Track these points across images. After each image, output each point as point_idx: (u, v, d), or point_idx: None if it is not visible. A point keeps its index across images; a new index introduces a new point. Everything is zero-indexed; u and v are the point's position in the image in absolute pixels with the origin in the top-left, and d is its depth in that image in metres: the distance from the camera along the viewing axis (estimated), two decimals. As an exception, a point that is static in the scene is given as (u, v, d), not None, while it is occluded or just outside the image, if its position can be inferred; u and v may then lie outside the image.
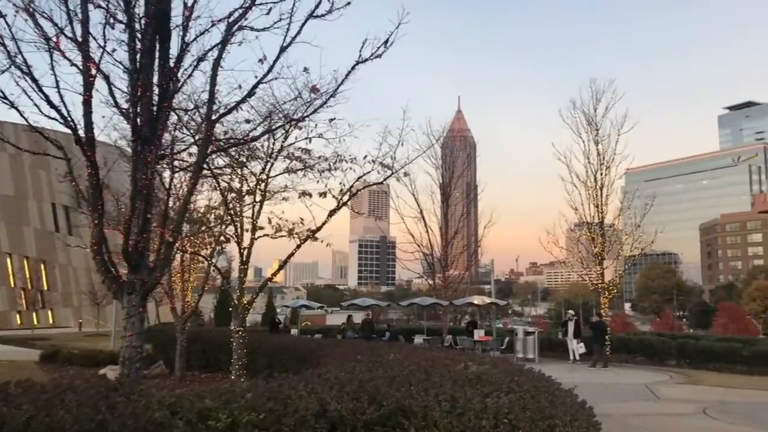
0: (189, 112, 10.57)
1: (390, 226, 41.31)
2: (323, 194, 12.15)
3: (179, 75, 7.78)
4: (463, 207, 35.13)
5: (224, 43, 7.80)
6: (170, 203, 11.97)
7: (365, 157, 12.03)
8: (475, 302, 28.13)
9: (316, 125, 11.76)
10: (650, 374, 20.28)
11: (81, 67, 7.38)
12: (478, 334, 26.00)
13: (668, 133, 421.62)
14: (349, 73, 8.57)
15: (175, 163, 11.05)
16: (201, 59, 7.86)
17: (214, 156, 11.49)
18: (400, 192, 31.70)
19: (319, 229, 12.41)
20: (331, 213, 12.19)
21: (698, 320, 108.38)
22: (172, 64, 7.63)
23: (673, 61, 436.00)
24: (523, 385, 6.06)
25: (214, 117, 8.52)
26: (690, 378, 19.32)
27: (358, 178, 12.68)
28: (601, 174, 26.66)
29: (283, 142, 13.17)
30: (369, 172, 12.59)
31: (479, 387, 5.80)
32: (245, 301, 14.51)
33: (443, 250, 31.54)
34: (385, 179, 12.28)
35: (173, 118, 9.91)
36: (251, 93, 8.46)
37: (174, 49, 7.71)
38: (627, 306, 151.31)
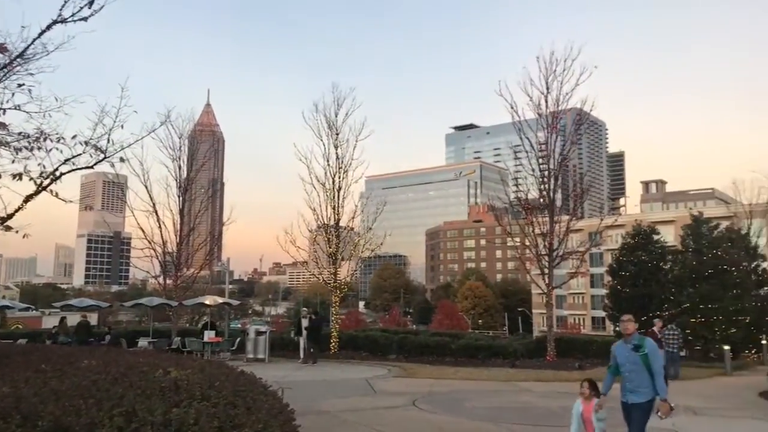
0: None
1: (126, 220, 37.91)
2: (18, 176, 10.28)
3: None
4: (201, 203, 33.59)
5: None
6: None
7: (74, 137, 10.46)
8: (207, 302, 27.02)
9: (13, 94, 9.91)
10: (372, 369, 21.32)
11: None
12: (209, 335, 25.01)
13: (408, 145, 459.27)
14: (42, 32, 7.30)
15: None
16: None
17: None
18: (131, 183, 29.31)
19: (10, 216, 10.49)
20: (27, 198, 10.39)
21: (421, 317, 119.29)
22: None
23: (412, 81, 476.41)
24: (222, 391, 5.58)
25: None
26: (406, 371, 20.71)
27: (66, 160, 11.00)
28: (339, 177, 27.57)
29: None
30: (79, 155, 11.00)
31: (171, 396, 5.19)
32: None
33: (178, 247, 29.86)
34: (95, 163, 10.83)
35: None
36: None
37: None
38: (361, 304, 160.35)
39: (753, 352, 30.61)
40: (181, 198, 30.06)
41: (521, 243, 26.87)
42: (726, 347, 24.04)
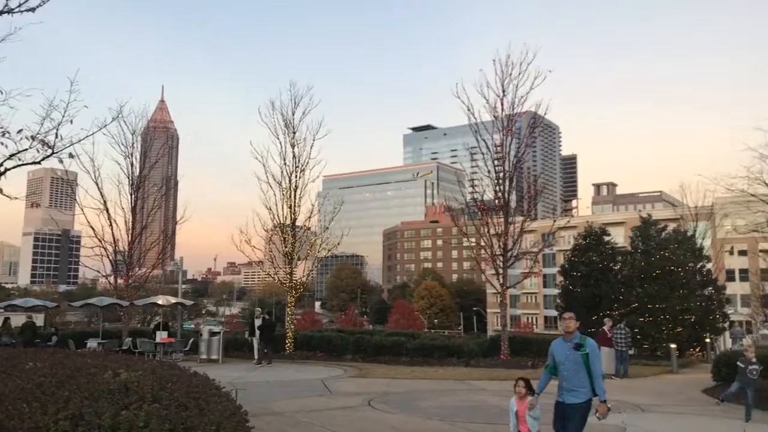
0: None
1: (75, 218, 36.82)
2: (-44, 171, 9.91)
3: None
4: (154, 201, 32.90)
5: None
6: None
7: (20, 131, 10.14)
8: (159, 302, 26.47)
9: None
10: (328, 369, 21.25)
11: None
12: (161, 336, 24.52)
13: (366, 145, 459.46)
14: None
15: None
16: None
17: None
18: (82, 180, 28.51)
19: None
20: (-34, 193, 10.01)
21: (378, 317, 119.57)
22: None
23: (371, 81, 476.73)
24: (173, 393, 5.48)
25: None
26: (362, 371, 20.71)
27: (11, 155, 10.65)
28: (296, 176, 27.39)
29: None
30: (26, 150, 10.67)
31: (120, 398, 5.07)
32: None
33: (129, 246, 29.18)
34: (43, 159, 10.51)
35: None
36: None
37: None
38: (317, 304, 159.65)
39: (698, 350, 31.65)
40: (133, 196, 29.36)
41: (477, 243, 27.15)
42: (672, 346, 24.79)
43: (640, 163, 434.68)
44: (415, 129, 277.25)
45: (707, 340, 31.17)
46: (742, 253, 72.10)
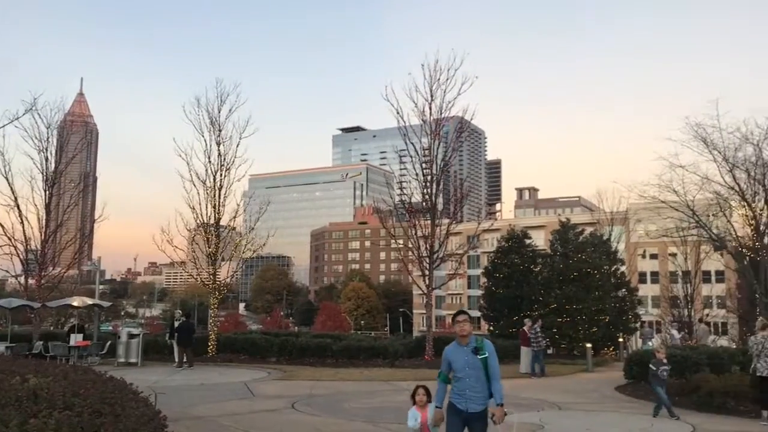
0: None
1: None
2: None
3: None
4: (71, 198, 31.44)
5: None
6: None
7: None
8: (75, 304, 25.30)
9: None
10: (252, 372, 20.94)
11: None
12: (75, 339, 23.43)
13: (295, 144, 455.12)
14: None
15: None
16: None
17: None
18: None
19: None
20: None
21: (304, 318, 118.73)
22: None
23: (301, 81, 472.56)
24: (87, 399, 5.27)
25: None
26: (286, 374, 20.53)
27: None
28: (221, 175, 26.83)
29: None
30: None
31: (29, 406, 4.82)
32: None
33: (42, 244, 27.76)
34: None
35: None
36: None
37: None
38: (242, 306, 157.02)
39: (611, 349, 33.06)
40: (47, 192, 27.94)
41: (404, 245, 27.45)
42: (588, 345, 25.82)
43: (560, 169, 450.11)
44: (345, 130, 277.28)
45: (620, 339, 32.62)
46: (654, 256, 75.96)
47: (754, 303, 26.65)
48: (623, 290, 35.69)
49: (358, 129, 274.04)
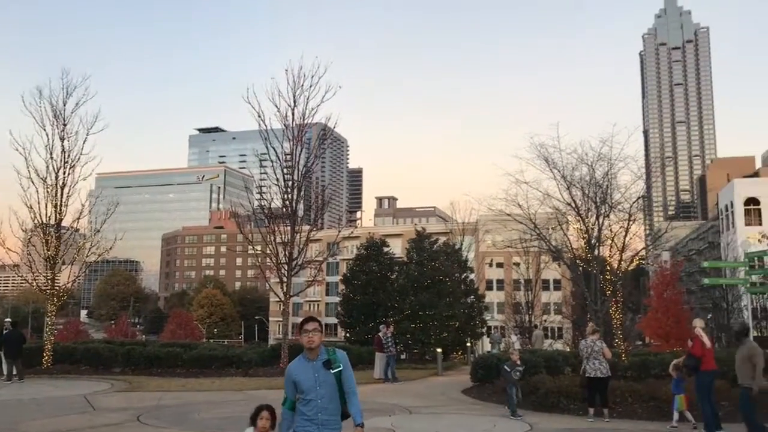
0: None
1: None
2: None
3: None
4: None
5: None
6: None
7: None
8: None
9: None
10: (93, 384, 19.55)
11: None
12: None
13: (148, 143, 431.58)
14: None
15: None
16: None
17: None
18: None
19: None
20: None
21: (152, 326, 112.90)
22: None
23: (157, 77, 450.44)
24: None
25: None
26: (132, 385, 19.38)
27: None
28: (65, 173, 24.82)
29: None
30: None
31: None
32: None
33: None
34: None
35: None
36: None
37: None
38: (83, 313, 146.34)
39: (460, 353, 34.71)
40: None
41: (262, 251, 27.00)
42: (439, 350, 26.89)
43: (419, 180, 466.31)
44: (203, 130, 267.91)
45: (468, 344, 34.35)
46: (500, 265, 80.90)
47: (586, 309, 29.21)
48: (472, 297, 37.65)
49: (217, 130, 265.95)
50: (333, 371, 5.51)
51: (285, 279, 24.89)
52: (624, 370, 18.04)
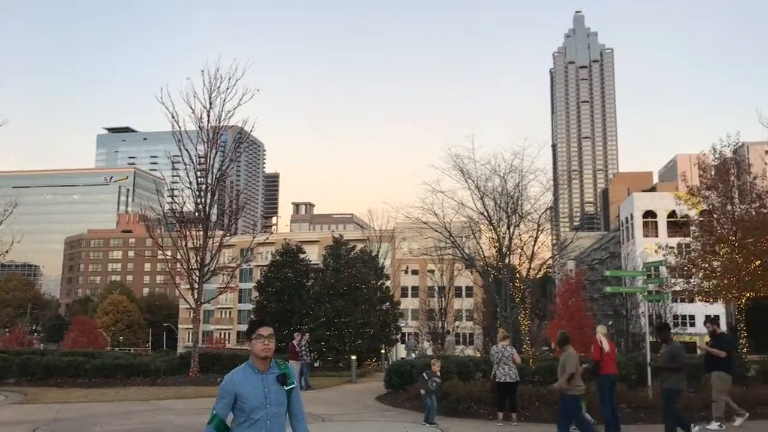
0: None
1: None
2: None
3: None
4: None
5: None
6: None
7: None
8: None
9: None
10: (-17, 397, 18.25)
11: None
12: None
13: (52, 141, 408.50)
14: None
15: None
16: None
17: None
18: None
19: None
20: None
21: (52, 334, 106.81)
22: None
23: (63, 73, 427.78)
24: None
25: None
26: (28, 396, 18.24)
27: None
28: (-44, 170, 23.18)
29: None
30: None
31: None
32: None
33: None
34: None
35: None
36: None
37: None
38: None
39: (374, 360, 34.88)
40: None
41: (173, 256, 26.15)
42: (353, 357, 26.91)
43: (337, 186, 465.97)
44: (112, 130, 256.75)
45: (382, 351, 34.57)
46: (415, 272, 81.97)
47: (496, 316, 30.08)
48: (387, 304, 37.94)
49: (127, 130, 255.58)
50: (287, 388, 4.65)
51: (196, 285, 24.22)
52: (531, 375, 18.62)
